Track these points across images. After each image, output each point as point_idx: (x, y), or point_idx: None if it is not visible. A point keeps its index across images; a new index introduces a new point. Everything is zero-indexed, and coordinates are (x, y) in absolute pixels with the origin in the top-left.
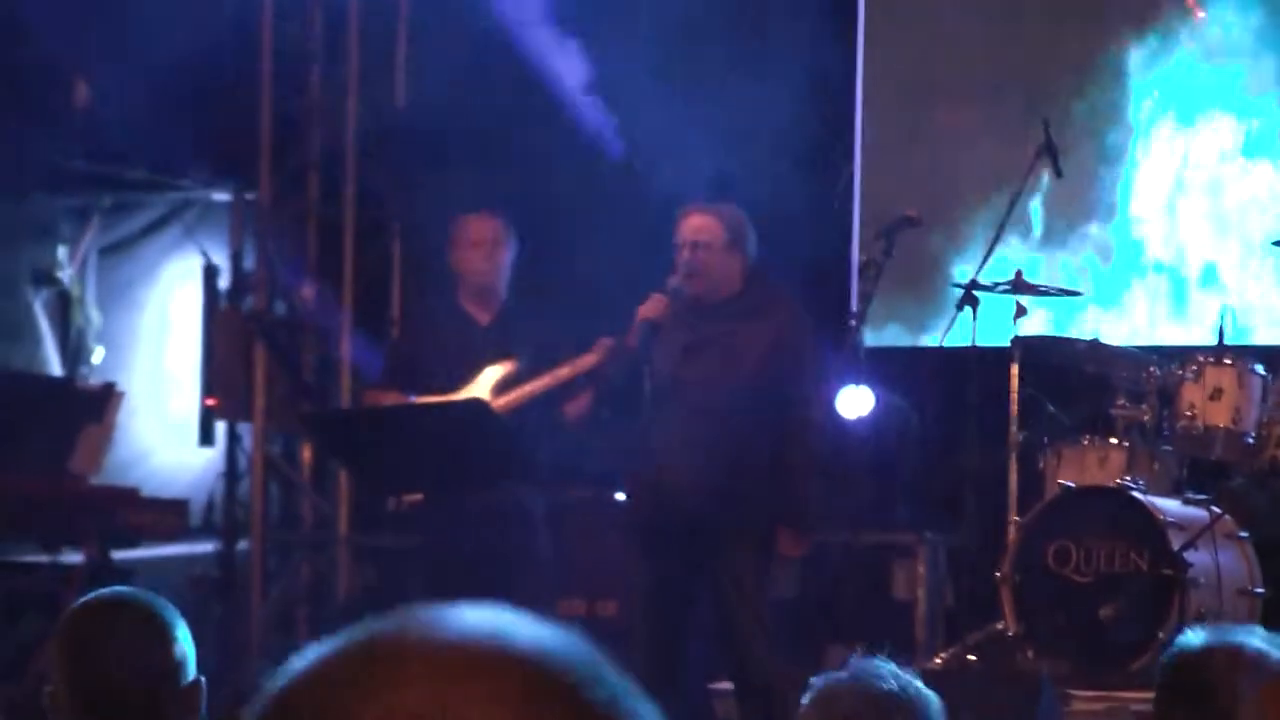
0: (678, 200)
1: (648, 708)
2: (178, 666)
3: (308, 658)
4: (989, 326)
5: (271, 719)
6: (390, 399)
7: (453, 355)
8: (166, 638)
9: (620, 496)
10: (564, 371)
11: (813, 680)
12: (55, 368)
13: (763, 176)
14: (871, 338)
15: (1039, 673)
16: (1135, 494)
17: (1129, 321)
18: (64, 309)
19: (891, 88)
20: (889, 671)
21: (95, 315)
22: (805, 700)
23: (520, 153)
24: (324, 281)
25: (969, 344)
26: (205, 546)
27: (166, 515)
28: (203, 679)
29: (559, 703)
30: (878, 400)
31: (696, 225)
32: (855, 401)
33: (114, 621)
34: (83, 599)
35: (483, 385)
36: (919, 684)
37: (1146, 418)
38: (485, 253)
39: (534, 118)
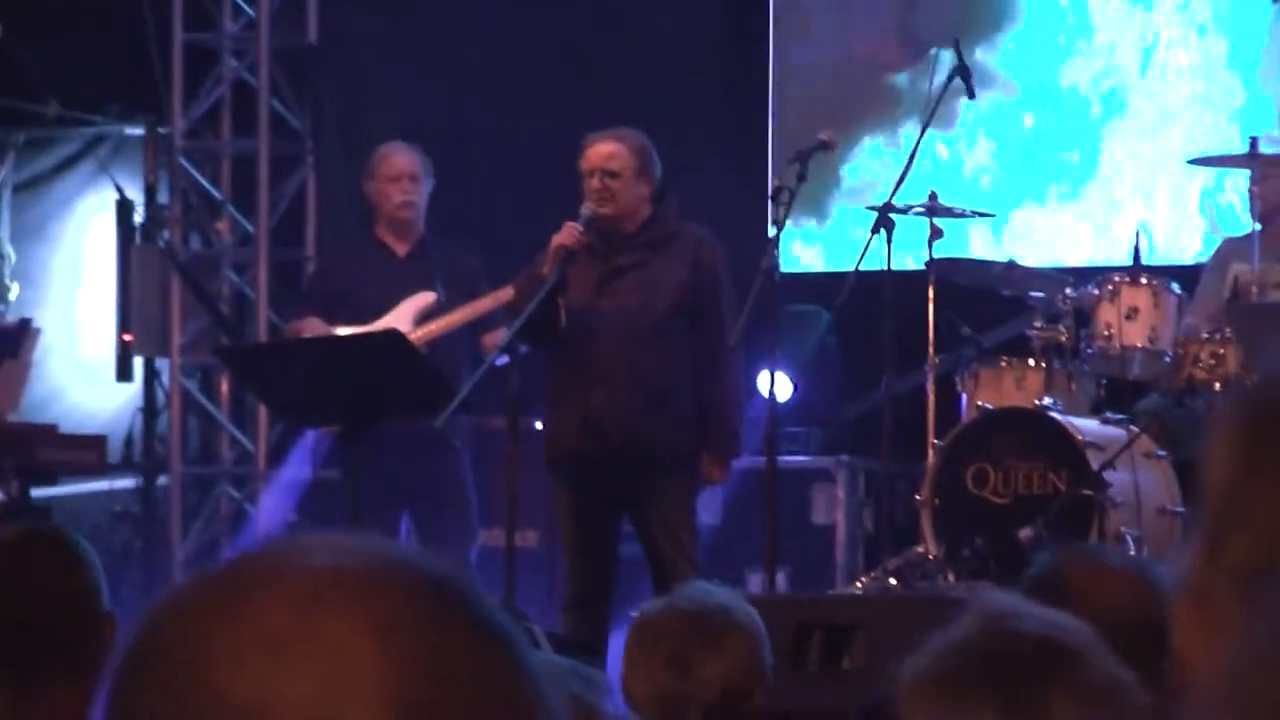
0: (593, 127)
1: (520, 632)
2: (91, 599)
3: (176, 586)
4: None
5: (139, 646)
6: (311, 331)
7: (371, 286)
8: (79, 571)
9: (539, 426)
10: (483, 303)
11: (632, 613)
12: None
13: (675, 103)
14: (786, 263)
15: (959, 596)
16: (1053, 415)
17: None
18: None
19: (804, 9)
20: (705, 593)
21: (10, 252)
22: (627, 634)
23: (434, 85)
24: (239, 215)
25: (884, 268)
26: (125, 482)
27: (85, 451)
28: (114, 613)
29: (426, 626)
30: (794, 316)
31: (605, 153)
32: (774, 386)
33: (24, 557)
34: None
35: (402, 316)
36: (740, 602)
37: (1063, 338)
38: (403, 186)
39: (449, 49)
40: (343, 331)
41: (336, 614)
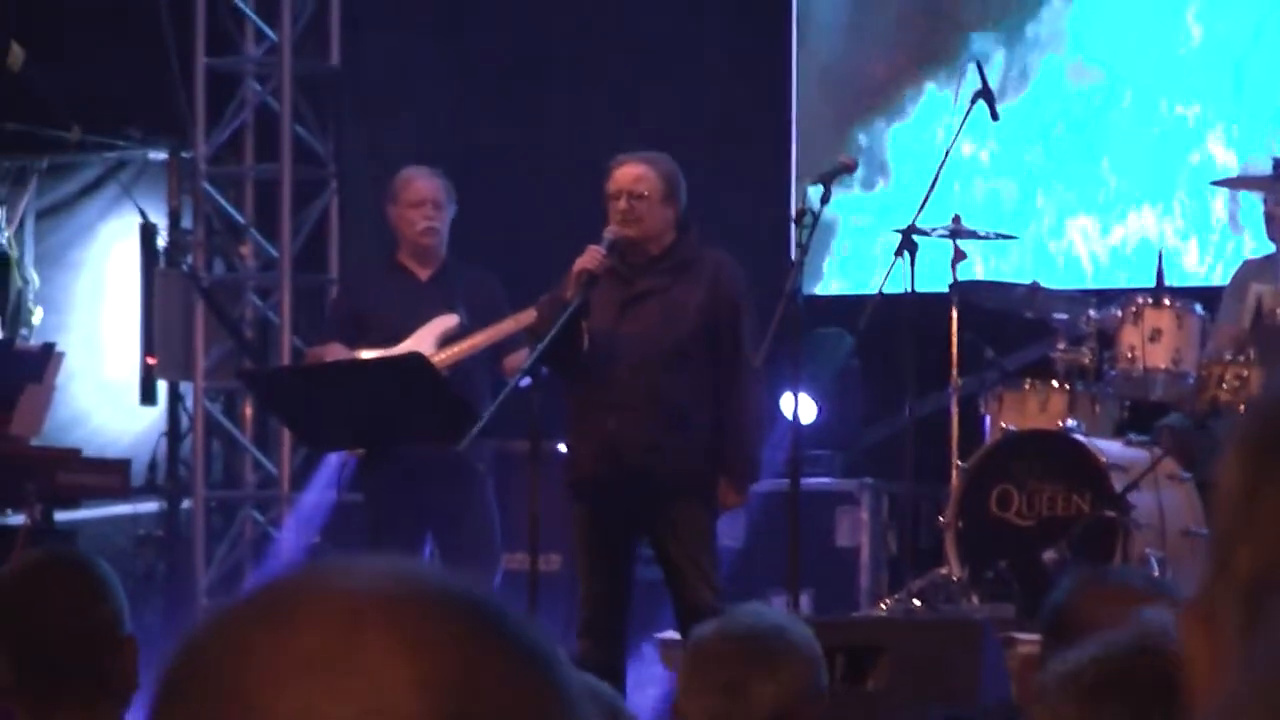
0: (614, 149)
1: (558, 652)
2: (112, 623)
3: (215, 609)
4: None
5: (178, 669)
6: (333, 354)
7: (393, 311)
8: (100, 594)
9: (562, 449)
10: (505, 326)
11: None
12: None
13: (696, 124)
14: (809, 286)
15: (982, 618)
16: (1076, 437)
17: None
18: (2, 271)
19: (825, 31)
20: (758, 615)
21: (34, 277)
22: (681, 657)
23: (456, 108)
24: (262, 239)
25: (907, 290)
26: (148, 506)
27: (109, 475)
28: (134, 636)
29: (463, 646)
30: (819, 339)
31: (633, 175)
32: (798, 409)
33: (46, 581)
34: (11, 562)
35: (424, 340)
36: (795, 623)
37: (1087, 360)
38: (426, 212)
39: (469, 72)
40: (365, 355)
41: (374, 635)
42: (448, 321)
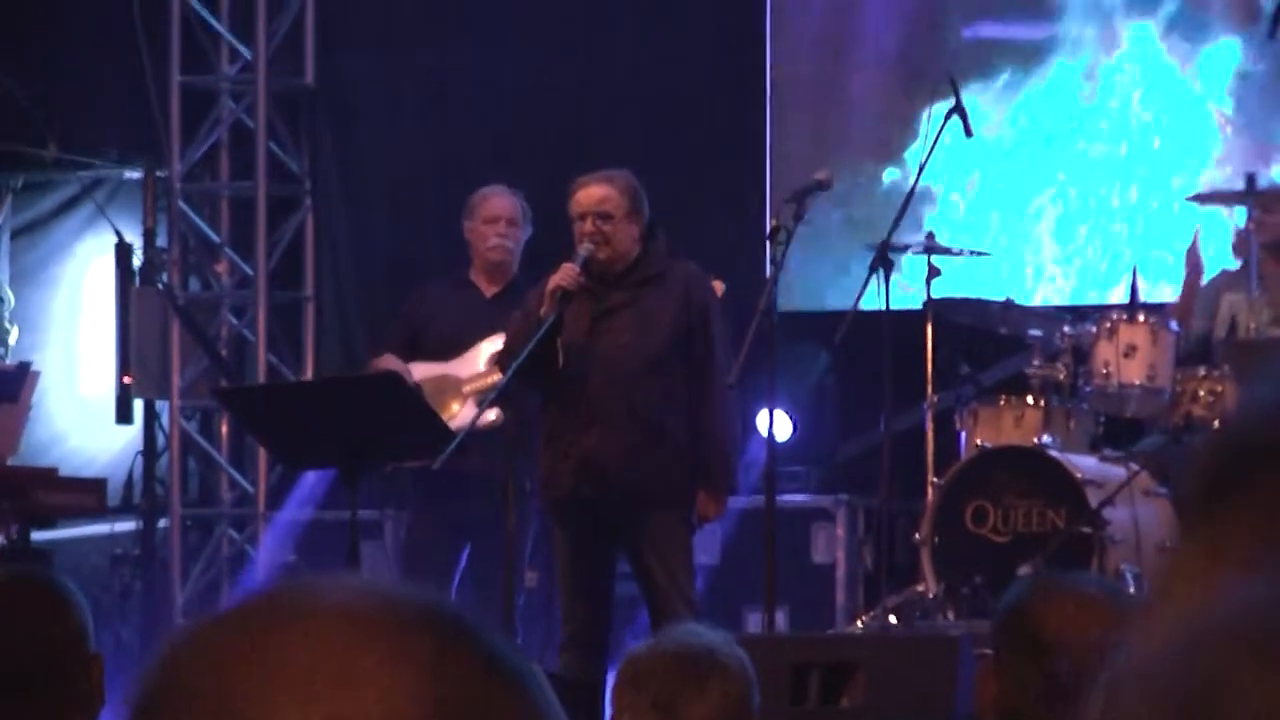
0: (589, 166)
1: (535, 670)
2: (77, 641)
3: (195, 624)
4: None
5: (161, 684)
6: (383, 365)
7: (453, 325)
8: (64, 611)
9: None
10: None
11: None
12: None
13: (672, 141)
14: (784, 302)
15: (959, 634)
16: (1052, 453)
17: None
18: None
19: (800, 51)
20: (692, 634)
21: (9, 295)
22: (616, 674)
23: (430, 126)
24: (237, 257)
25: (882, 307)
26: (125, 525)
27: (85, 494)
28: (100, 654)
29: (445, 663)
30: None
31: (597, 196)
32: (773, 425)
33: (8, 599)
34: None
35: (477, 357)
36: (728, 644)
37: (1062, 376)
38: (500, 229)
39: (444, 90)
40: (417, 368)
41: (356, 654)
42: (501, 340)
